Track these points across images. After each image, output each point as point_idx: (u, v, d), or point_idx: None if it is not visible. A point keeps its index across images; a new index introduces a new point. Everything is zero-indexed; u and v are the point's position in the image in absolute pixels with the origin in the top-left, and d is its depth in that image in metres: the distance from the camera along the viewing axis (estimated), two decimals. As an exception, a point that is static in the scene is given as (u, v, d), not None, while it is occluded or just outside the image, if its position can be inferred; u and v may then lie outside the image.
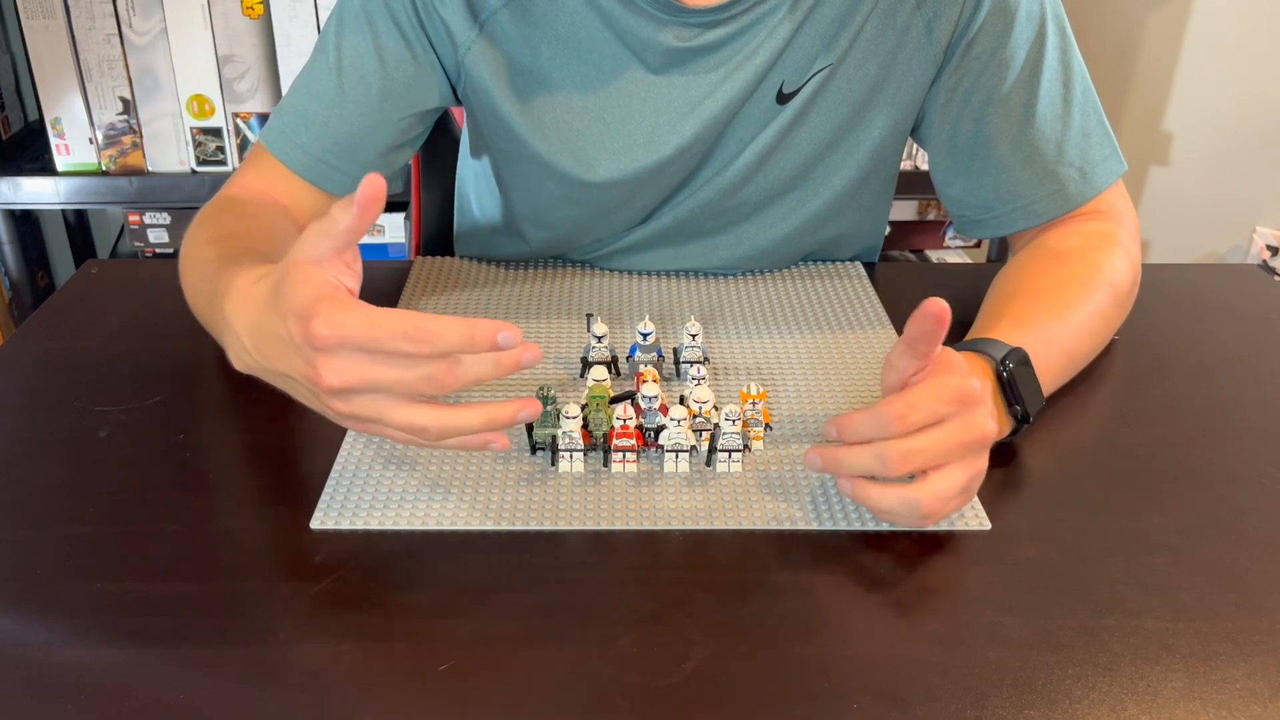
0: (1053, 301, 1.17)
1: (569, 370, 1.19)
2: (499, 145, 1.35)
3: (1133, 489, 1.03)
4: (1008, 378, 1.04)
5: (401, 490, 1.00)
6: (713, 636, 0.85)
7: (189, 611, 0.87)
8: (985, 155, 1.30)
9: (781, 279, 1.42)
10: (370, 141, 1.28)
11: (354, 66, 1.25)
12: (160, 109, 2.37)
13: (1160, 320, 1.34)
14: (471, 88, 1.29)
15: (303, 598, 0.88)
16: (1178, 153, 2.95)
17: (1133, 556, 0.94)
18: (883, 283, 1.42)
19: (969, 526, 0.97)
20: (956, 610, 0.88)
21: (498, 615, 0.87)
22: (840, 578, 0.91)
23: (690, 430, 1.04)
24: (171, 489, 1.00)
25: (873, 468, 0.91)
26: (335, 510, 0.97)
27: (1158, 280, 1.43)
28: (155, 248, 2.59)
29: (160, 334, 1.27)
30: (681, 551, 0.94)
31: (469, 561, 0.93)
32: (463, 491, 1.00)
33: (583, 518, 0.97)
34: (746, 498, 1.00)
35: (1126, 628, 0.86)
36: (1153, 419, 1.14)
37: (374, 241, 2.56)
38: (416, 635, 0.85)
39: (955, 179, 1.35)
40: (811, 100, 1.26)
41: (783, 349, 1.24)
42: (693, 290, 1.38)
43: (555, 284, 1.40)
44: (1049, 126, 1.27)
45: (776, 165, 1.30)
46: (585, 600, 0.88)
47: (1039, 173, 1.28)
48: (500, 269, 1.43)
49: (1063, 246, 1.26)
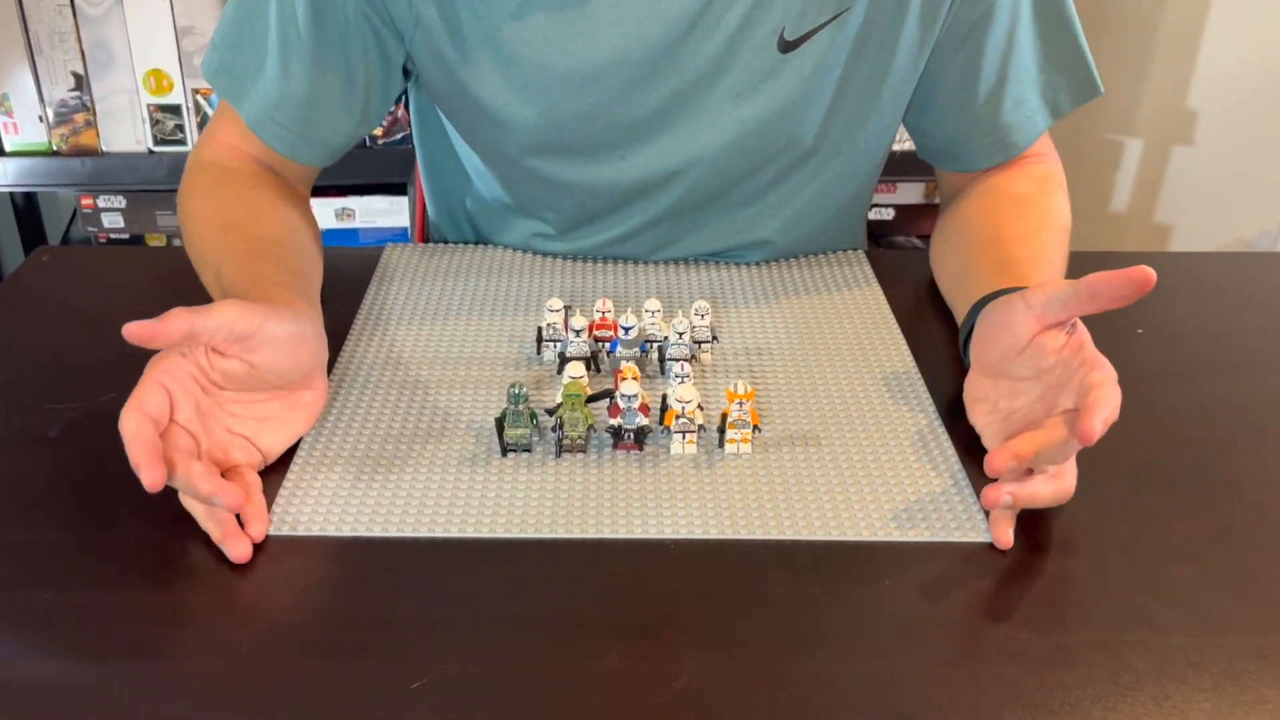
0: (1033, 249, 1.23)
1: (545, 366, 1.19)
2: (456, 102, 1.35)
3: (1155, 494, 1.03)
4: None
5: (376, 496, 1.00)
6: (705, 651, 0.84)
7: (144, 624, 0.87)
8: (971, 88, 1.34)
9: (775, 266, 1.42)
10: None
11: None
12: (115, 84, 2.36)
13: (1183, 313, 1.34)
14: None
15: (265, 610, 0.88)
16: (1202, 132, 2.95)
17: (1155, 567, 0.94)
18: (885, 271, 1.42)
19: (983, 538, 0.97)
20: (966, 624, 0.88)
21: (474, 628, 0.86)
22: (842, 589, 0.91)
23: (697, 410, 1.05)
24: (125, 491, 1.00)
25: (1060, 492, 0.97)
26: (292, 516, 0.97)
27: (1180, 270, 1.43)
28: (110, 233, 2.58)
29: (115, 326, 1.26)
30: (672, 560, 0.94)
31: (443, 571, 0.92)
32: (439, 496, 1.00)
33: (571, 524, 0.97)
34: (745, 504, 1.00)
35: (1149, 643, 0.86)
36: (1176, 419, 1.14)
37: (343, 226, 2.55)
38: (387, 650, 0.84)
39: (932, 110, 1.39)
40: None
41: (775, 343, 1.24)
42: (679, 279, 1.38)
43: (538, 272, 1.40)
44: (1030, 58, 1.34)
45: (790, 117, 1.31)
46: (569, 612, 0.88)
47: (1019, 106, 1.35)
48: (475, 255, 1.43)
49: (1020, 191, 1.34)
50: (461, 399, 1.13)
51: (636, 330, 1.16)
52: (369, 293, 1.33)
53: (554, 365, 1.19)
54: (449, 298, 1.33)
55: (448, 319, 1.28)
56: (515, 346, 1.22)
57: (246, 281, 1.10)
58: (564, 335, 1.18)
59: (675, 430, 1.05)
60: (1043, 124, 1.37)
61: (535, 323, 1.27)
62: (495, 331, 1.26)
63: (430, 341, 1.24)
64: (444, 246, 1.46)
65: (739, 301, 1.33)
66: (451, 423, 1.10)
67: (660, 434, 1.07)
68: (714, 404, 1.13)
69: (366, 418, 1.10)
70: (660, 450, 1.06)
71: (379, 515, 0.97)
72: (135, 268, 1.45)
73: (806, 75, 1.27)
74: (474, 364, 1.19)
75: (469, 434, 1.08)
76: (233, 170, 1.30)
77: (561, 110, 1.29)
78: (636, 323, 1.16)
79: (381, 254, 1.43)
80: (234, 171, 1.29)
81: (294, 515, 0.97)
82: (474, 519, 0.97)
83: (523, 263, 1.42)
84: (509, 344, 1.23)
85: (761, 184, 1.37)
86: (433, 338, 1.24)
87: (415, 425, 1.09)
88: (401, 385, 1.16)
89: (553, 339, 1.19)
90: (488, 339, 1.24)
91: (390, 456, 1.05)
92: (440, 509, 0.98)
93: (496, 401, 1.13)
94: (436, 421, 1.10)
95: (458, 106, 1.34)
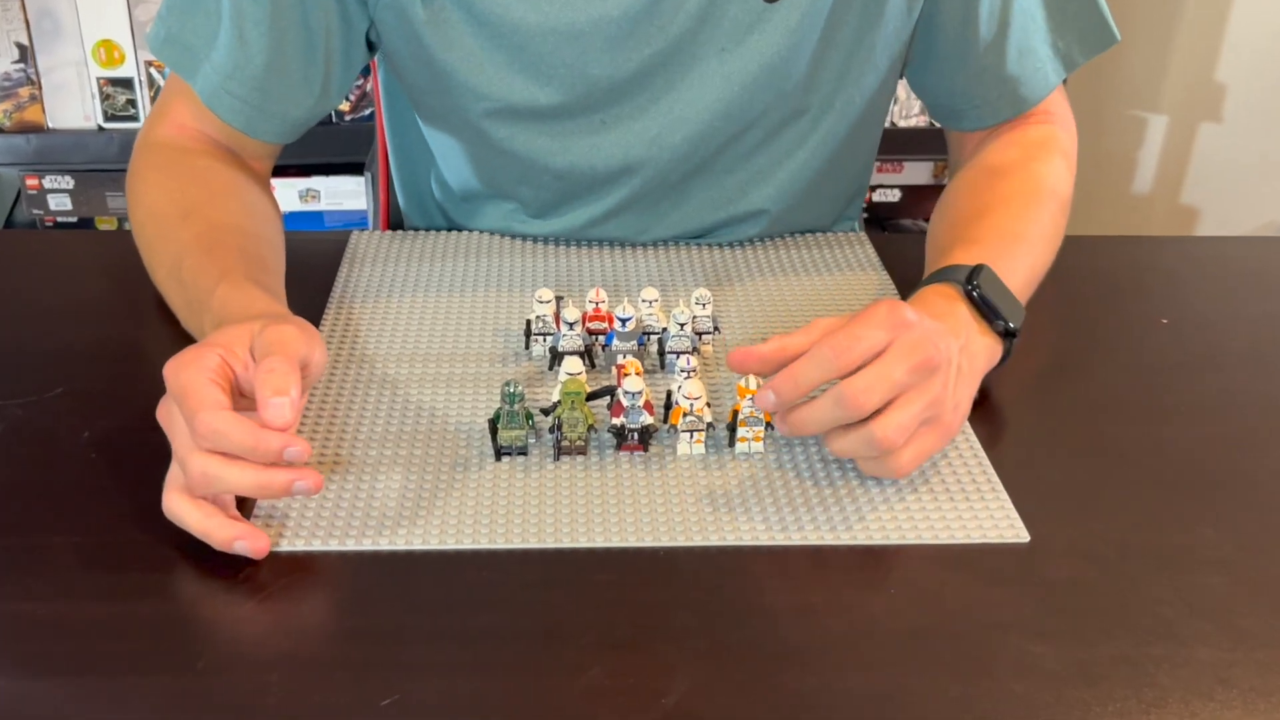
0: (1002, 218, 1.25)
1: (536, 362, 1.19)
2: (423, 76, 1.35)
3: (1181, 497, 1.03)
4: (979, 295, 1.10)
5: (350, 505, 0.99)
6: (697, 666, 0.84)
7: (94, 636, 0.86)
8: (971, 37, 1.34)
9: (775, 250, 1.42)
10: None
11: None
12: (62, 56, 2.36)
13: (1211, 302, 1.34)
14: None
15: (225, 621, 0.88)
16: (1231, 108, 2.95)
17: (1182, 575, 0.94)
18: (891, 256, 1.42)
19: (1003, 539, 0.97)
20: (978, 636, 0.88)
21: (449, 641, 0.86)
22: (844, 598, 0.91)
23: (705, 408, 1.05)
24: (74, 494, 1.00)
25: (837, 415, 0.98)
26: (260, 524, 0.96)
27: (1207, 256, 1.43)
28: (57, 216, 2.58)
29: (64, 317, 1.26)
30: (661, 568, 0.94)
31: (415, 580, 0.92)
32: (417, 504, 0.99)
33: (560, 533, 0.97)
34: (746, 506, 1.00)
35: (1175, 658, 0.86)
36: (1205, 415, 1.14)
37: (307, 209, 2.55)
38: (356, 664, 0.84)
39: (933, 62, 1.39)
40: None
41: (780, 329, 1.23)
42: (674, 263, 1.38)
43: (521, 258, 1.39)
44: (1034, 5, 1.35)
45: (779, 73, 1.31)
46: (549, 624, 0.88)
47: (1024, 57, 1.36)
48: (450, 241, 1.43)
49: (1000, 161, 1.35)
50: (447, 398, 1.13)
51: (634, 322, 1.15)
52: (338, 282, 1.33)
53: (545, 361, 1.18)
54: (425, 287, 1.33)
55: (425, 310, 1.27)
56: (501, 340, 1.22)
57: (213, 276, 1.09)
58: (555, 329, 1.18)
59: (683, 429, 1.05)
60: (1054, 77, 1.37)
61: (522, 314, 1.26)
62: (479, 324, 1.25)
63: (408, 335, 1.23)
64: (414, 233, 1.45)
65: (739, 289, 1.33)
66: (436, 424, 1.09)
67: (666, 433, 1.07)
68: (718, 399, 1.12)
69: (346, 419, 1.10)
70: (666, 451, 1.06)
71: (362, 527, 0.97)
72: (85, 254, 1.45)
73: (793, 26, 1.27)
74: (456, 360, 1.19)
75: (457, 436, 1.07)
76: (188, 151, 1.29)
77: (536, 73, 1.28)
78: (634, 314, 1.16)
79: (349, 240, 1.43)
80: (190, 153, 1.29)
81: (261, 525, 0.96)
82: (469, 529, 0.97)
83: (502, 247, 1.41)
84: (494, 338, 1.23)
85: (750, 146, 1.37)
86: (410, 331, 1.24)
87: (397, 428, 1.09)
88: (380, 384, 1.15)
89: (543, 332, 1.19)
90: (470, 332, 1.23)
91: (362, 461, 1.04)
92: (417, 519, 0.98)
93: (484, 400, 1.12)
94: (422, 423, 1.09)
95: (424, 76, 1.33)
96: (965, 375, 1.04)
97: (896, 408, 0.97)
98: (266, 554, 0.92)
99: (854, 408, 0.96)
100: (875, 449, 0.98)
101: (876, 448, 0.98)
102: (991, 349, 1.10)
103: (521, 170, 1.38)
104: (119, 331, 1.23)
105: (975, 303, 1.10)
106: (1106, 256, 1.45)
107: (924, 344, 0.98)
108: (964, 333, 1.06)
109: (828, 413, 0.98)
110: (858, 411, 0.97)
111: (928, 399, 0.98)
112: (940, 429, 1.01)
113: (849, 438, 0.99)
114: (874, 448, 0.98)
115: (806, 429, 1.00)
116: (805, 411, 0.99)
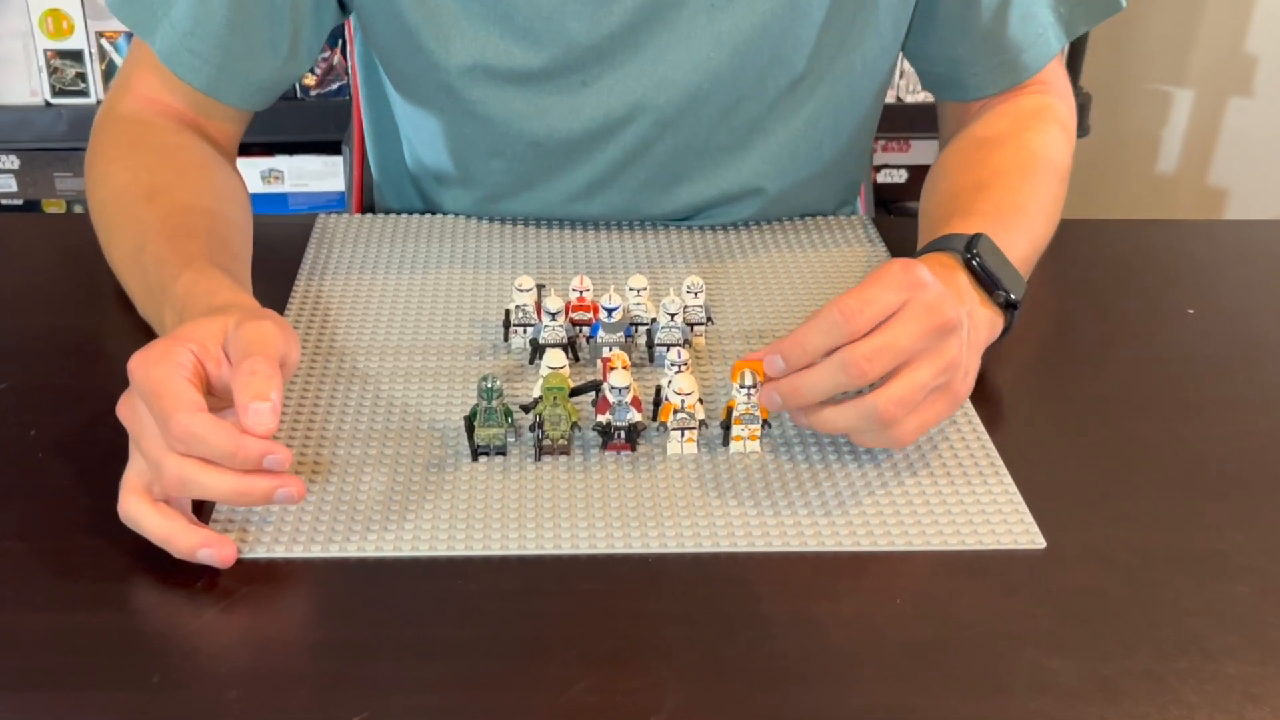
0: (998, 190, 1.26)
1: (515, 355, 1.19)
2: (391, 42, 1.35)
3: (1208, 499, 1.03)
4: (979, 264, 1.11)
5: (316, 509, 0.99)
6: (689, 681, 0.84)
7: (38, 650, 0.86)
8: (974, 2, 1.35)
9: (772, 233, 1.43)
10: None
11: None
12: (6, 27, 2.35)
13: (1242, 290, 1.35)
14: None
15: (180, 633, 0.88)
16: (1262, 81, 2.95)
17: (1210, 584, 0.94)
18: (897, 241, 1.42)
19: (1017, 544, 0.97)
20: (990, 649, 0.88)
21: (422, 655, 0.86)
22: (846, 608, 0.91)
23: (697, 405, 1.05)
24: (20, 497, 1.00)
25: (838, 382, 0.99)
26: (220, 529, 0.96)
27: (1238, 240, 1.43)
28: (1, 199, 2.57)
29: (8, 307, 1.26)
30: (650, 577, 0.94)
31: (387, 589, 0.92)
32: (388, 507, 0.99)
33: (543, 538, 0.97)
34: (741, 509, 1.00)
35: (1202, 672, 0.86)
36: (1234, 412, 1.15)
37: (270, 191, 2.55)
38: (322, 679, 0.84)
39: (935, 30, 1.40)
40: None
41: (777, 325, 1.24)
42: (663, 247, 1.38)
43: (499, 242, 1.39)
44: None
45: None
46: (530, 637, 0.88)
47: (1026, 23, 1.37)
48: (424, 225, 1.43)
49: (991, 132, 1.37)
50: (420, 394, 1.13)
51: (621, 312, 1.15)
52: (303, 269, 1.33)
53: (525, 354, 1.18)
54: (396, 275, 1.33)
55: (396, 300, 1.27)
56: (479, 332, 1.22)
57: (178, 262, 1.09)
58: (536, 319, 1.17)
59: (673, 427, 1.05)
60: (1055, 44, 1.38)
61: (500, 303, 1.26)
62: (454, 315, 1.25)
63: (378, 327, 1.23)
64: (385, 216, 1.45)
65: (734, 276, 1.33)
66: (408, 422, 1.09)
67: (655, 431, 1.07)
68: (710, 395, 1.13)
69: (311, 417, 1.09)
70: (655, 450, 1.06)
71: (328, 533, 0.97)
72: (31, 238, 1.45)
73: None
74: (430, 353, 1.19)
75: (431, 435, 1.07)
76: (154, 126, 1.28)
77: (511, 25, 1.28)
78: (621, 303, 1.15)
79: (315, 224, 1.43)
80: (155, 128, 1.28)
81: (221, 529, 0.96)
82: (444, 534, 0.97)
83: (479, 231, 1.42)
84: (470, 329, 1.23)
85: (742, 114, 1.36)
86: (380, 323, 1.24)
87: (366, 426, 1.08)
88: (348, 379, 1.15)
89: (523, 323, 1.18)
90: (444, 324, 1.23)
91: (329, 462, 1.04)
92: (404, 523, 0.98)
93: (460, 397, 1.12)
94: (393, 421, 1.09)
95: (396, 34, 1.33)
96: (972, 345, 1.05)
97: (902, 377, 0.98)
98: (233, 562, 0.92)
99: (858, 375, 0.97)
100: (876, 422, 0.99)
101: (878, 420, 0.98)
102: (993, 321, 1.11)
103: (495, 139, 1.37)
104: (68, 322, 1.22)
105: (975, 272, 1.11)
106: (1128, 241, 1.46)
107: (941, 305, 0.99)
108: (967, 301, 1.08)
109: (829, 379, 0.98)
110: (861, 379, 0.97)
111: (942, 363, 0.99)
112: (950, 396, 1.02)
113: (844, 411, 1.00)
114: (875, 421, 0.99)
115: (805, 397, 1.00)
116: (804, 377, 1.00)
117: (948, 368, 1.00)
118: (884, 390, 0.98)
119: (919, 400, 0.99)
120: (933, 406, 1.01)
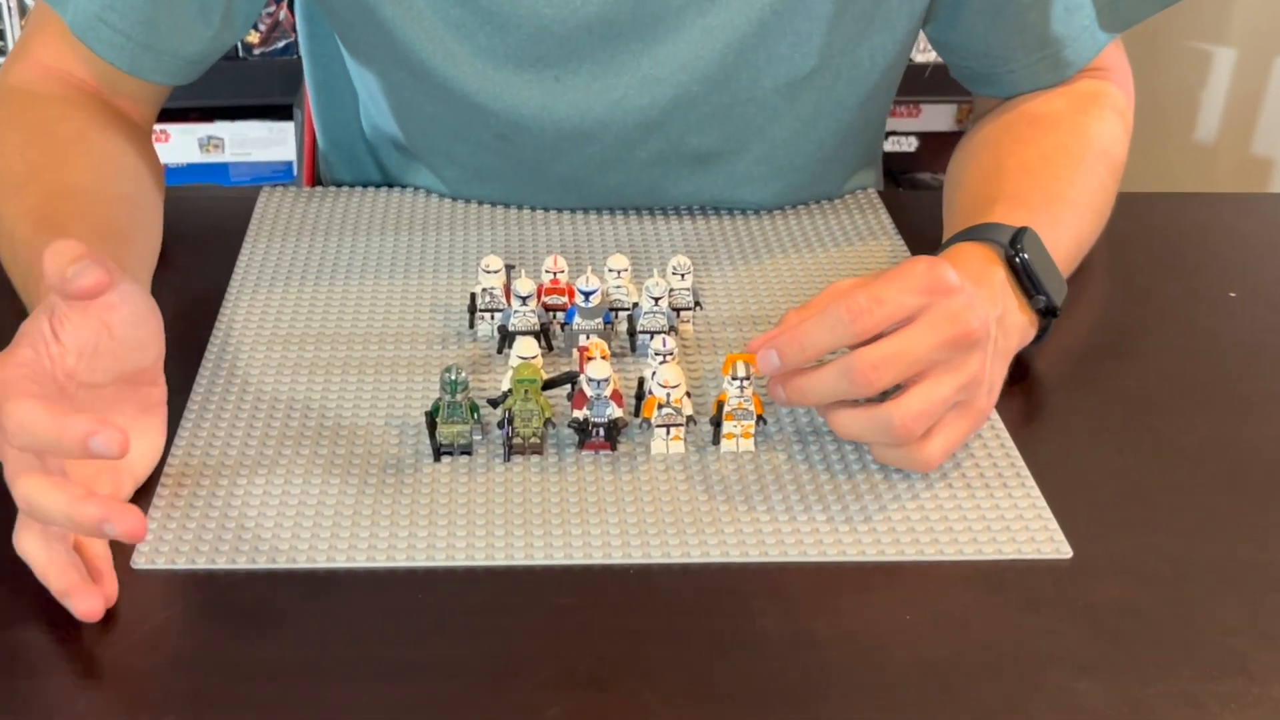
0: (1045, 177, 1.25)
1: (482, 344, 1.19)
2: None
3: (1252, 504, 1.04)
4: (1022, 263, 1.10)
5: (258, 515, 0.99)
6: (675, 705, 0.84)
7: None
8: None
9: (769, 209, 1.43)
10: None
11: None
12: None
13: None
14: None
15: (109, 655, 0.87)
16: (1313, 41, 2.96)
17: (1254, 598, 0.94)
18: (907, 218, 1.42)
19: (1040, 554, 0.97)
20: (1011, 670, 0.88)
21: (376, 678, 0.86)
22: (850, 625, 0.91)
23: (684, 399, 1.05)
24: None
25: (841, 390, 0.99)
26: (150, 545, 0.95)
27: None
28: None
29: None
30: (632, 590, 0.94)
31: (338, 604, 0.92)
32: (338, 513, 0.99)
33: (514, 548, 0.97)
34: (734, 515, 1.00)
35: (1246, 696, 0.86)
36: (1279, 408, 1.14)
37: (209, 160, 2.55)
38: (266, 704, 0.84)
39: (963, 18, 1.38)
40: None
41: (772, 310, 1.24)
42: (648, 228, 1.38)
43: (465, 221, 1.40)
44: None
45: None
46: (499, 656, 0.88)
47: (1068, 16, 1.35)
48: (380, 200, 1.43)
49: (1045, 111, 1.36)
50: (376, 387, 1.13)
51: (599, 295, 1.15)
52: (245, 249, 1.33)
53: (493, 342, 1.18)
54: (350, 254, 1.33)
55: (350, 282, 1.27)
56: (441, 319, 1.22)
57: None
58: (505, 304, 1.17)
59: (658, 424, 1.05)
60: (1103, 37, 1.36)
61: (465, 286, 1.26)
62: (413, 299, 1.25)
63: (329, 312, 1.23)
64: (338, 190, 1.45)
65: (724, 256, 1.34)
66: (362, 418, 1.09)
67: (638, 429, 1.07)
68: (699, 389, 1.13)
69: (255, 412, 1.09)
70: (638, 450, 1.06)
71: (265, 539, 0.96)
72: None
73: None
74: (387, 341, 1.19)
75: (388, 433, 1.08)
76: (40, 98, 1.26)
77: (477, 7, 1.27)
78: (599, 285, 1.15)
79: (258, 197, 1.43)
80: (41, 99, 1.26)
81: (153, 544, 0.96)
82: (403, 543, 0.97)
83: (442, 208, 1.42)
84: (432, 315, 1.23)
85: (736, 119, 1.35)
86: (332, 307, 1.24)
87: (316, 423, 1.09)
88: (295, 370, 1.15)
89: (490, 308, 1.18)
90: (403, 309, 1.24)
91: (273, 462, 1.04)
92: (358, 531, 0.98)
93: (420, 390, 1.12)
94: (345, 417, 1.09)
95: (351, 7, 1.32)
96: (1000, 353, 1.05)
97: (922, 389, 0.98)
98: (106, 609, 0.89)
99: (863, 384, 0.96)
100: (891, 436, 0.98)
101: (893, 435, 0.98)
102: (1025, 329, 1.11)
103: (458, 124, 1.37)
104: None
105: (1016, 271, 1.10)
106: (1164, 216, 1.46)
107: (966, 314, 0.98)
108: (1001, 303, 1.07)
109: (831, 384, 0.98)
110: (867, 389, 0.97)
111: (964, 379, 0.99)
112: (972, 414, 1.02)
113: (858, 418, 0.99)
114: (890, 435, 0.98)
115: (805, 398, 1.00)
116: (806, 378, 1.00)
117: (969, 384, 0.99)
118: (900, 402, 0.97)
119: (938, 415, 0.99)
120: (956, 425, 1.01)
